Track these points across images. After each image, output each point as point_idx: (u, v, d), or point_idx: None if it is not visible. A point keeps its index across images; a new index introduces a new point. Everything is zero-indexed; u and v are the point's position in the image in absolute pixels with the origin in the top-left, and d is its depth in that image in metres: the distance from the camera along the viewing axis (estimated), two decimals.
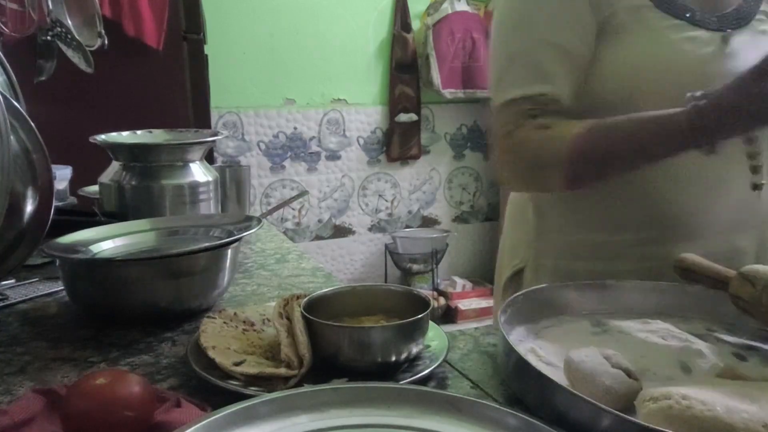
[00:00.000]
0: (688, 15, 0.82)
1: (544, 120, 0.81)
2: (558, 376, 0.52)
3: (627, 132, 0.78)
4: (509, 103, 0.83)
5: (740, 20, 0.85)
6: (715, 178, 0.84)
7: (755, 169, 0.85)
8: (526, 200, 0.98)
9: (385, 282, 3.23)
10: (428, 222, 3.40)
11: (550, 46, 0.82)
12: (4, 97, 0.68)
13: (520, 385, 0.53)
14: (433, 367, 0.57)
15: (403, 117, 3.14)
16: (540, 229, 0.95)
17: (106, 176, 1.01)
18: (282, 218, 3.08)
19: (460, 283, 3.33)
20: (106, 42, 1.47)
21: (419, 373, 0.56)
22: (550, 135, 0.80)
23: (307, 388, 0.48)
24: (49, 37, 1.32)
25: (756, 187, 0.85)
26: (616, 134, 0.78)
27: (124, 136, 1.06)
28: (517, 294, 0.65)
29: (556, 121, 0.81)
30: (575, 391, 0.47)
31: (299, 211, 3.12)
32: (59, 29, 1.31)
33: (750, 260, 0.89)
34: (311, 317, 0.57)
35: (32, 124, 0.77)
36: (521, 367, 0.52)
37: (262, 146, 2.99)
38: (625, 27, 0.81)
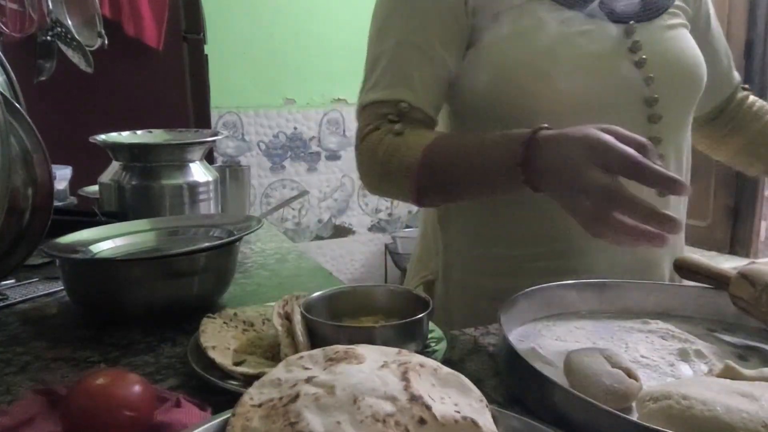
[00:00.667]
0: (581, 6, 0.77)
1: (401, 126, 0.77)
2: (558, 376, 0.52)
3: (465, 151, 0.73)
4: (371, 105, 0.81)
5: (648, 12, 0.81)
6: None
7: None
8: (432, 210, 0.93)
9: (385, 282, 3.23)
10: None
11: (413, 49, 0.79)
12: (4, 97, 0.68)
13: (520, 385, 0.53)
14: None
15: None
16: (445, 241, 0.91)
17: (106, 176, 1.01)
18: (282, 218, 3.08)
19: None
20: (106, 42, 1.47)
21: None
22: (400, 143, 0.76)
23: None
24: (49, 37, 1.32)
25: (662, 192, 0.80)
26: (457, 153, 0.74)
27: (124, 136, 1.06)
28: (517, 294, 0.65)
29: (411, 130, 0.77)
30: (575, 392, 0.47)
31: (299, 211, 3.12)
32: (59, 29, 1.31)
33: (662, 273, 0.86)
34: (311, 317, 0.57)
35: (32, 124, 0.77)
36: (521, 367, 0.52)
37: (262, 146, 2.99)
38: (511, 21, 0.77)
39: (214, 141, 1.10)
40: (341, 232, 3.23)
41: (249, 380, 0.53)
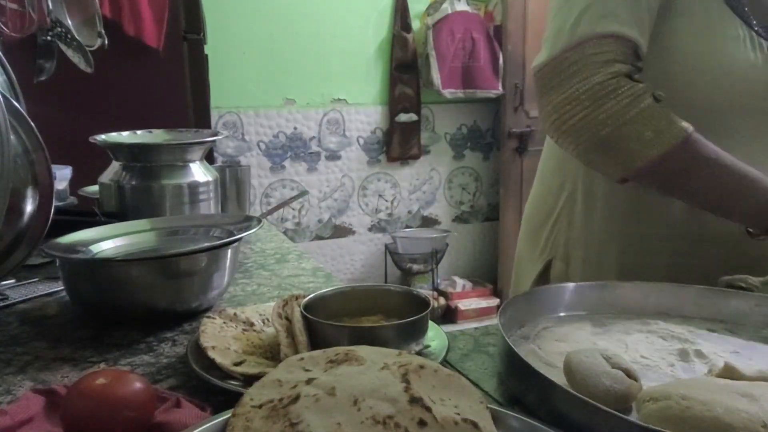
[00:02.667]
0: (745, 12, 0.80)
1: (655, 91, 0.75)
2: (558, 377, 0.52)
3: (721, 176, 0.76)
4: (611, 38, 0.74)
5: None
6: None
7: None
8: (565, 190, 0.94)
9: (385, 282, 3.23)
10: (428, 222, 3.40)
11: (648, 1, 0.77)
12: (4, 97, 0.68)
13: (520, 385, 0.53)
14: None
15: (403, 117, 3.14)
16: (574, 218, 0.93)
17: (106, 176, 1.01)
18: (282, 218, 3.08)
19: (460, 283, 3.34)
20: (106, 42, 1.47)
21: None
22: (661, 115, 0.73)
23: None
24: (49, 37, 1.32)
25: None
26: (715, 168, 0.75)
27: (124, 136, 1.06)
28: (517, 294, 0.65)
29: (665, 106, 0.75)
30: (575, 392, 0.47)
31: (299, 211, 3.12)
32: (59, 29, 1.31)
33: None
34: (311, 317, 0.57)
35: (32, 124, 0.77)
36: (521, 368, 0.52)
37: (262, 146, 2.99)
38: (689, 9, 0.79)
39: (214, 141, 1.10)
40: (341, 232, 3.23)
41: (249, 380, 0.53)
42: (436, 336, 0.62)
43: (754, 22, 0.81)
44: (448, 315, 3.22)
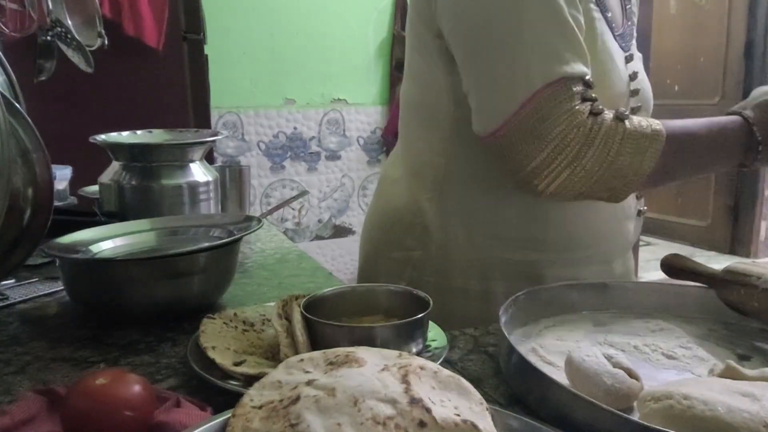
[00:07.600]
0: (614, 28, 0.83)
1: (620, 111, 0.74)
2: (559, 376, 0.52)
3: (703, 142, 0.77)
4: (565, 80, 0.71)
5: (628, 43, 0.86)
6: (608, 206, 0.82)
7: (638, 197, 0.90)
8: (420, 216, 0.90)
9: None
10: None
11: (574, 25, 0.74)
12: (4, 97, 0.68)
13: (521, 385, 0.53)
14: None
15: None
16: (447, 246, 0.88)
17: (106, 176, 1.01)
18: (282, 218, 3.08)
19: None
20: (106, 42, 1.47)
21: None
22: (636, 126, 0.73)
23: None
24: (49, 37, 1.31)
25: (639, 213, 0.91)
26: (694, 144, 0.77)
27: (124, 136, 1.06)
28: (518, 294, 0.65)
29: (634, 125, 0.74)
30: (576, 391, 0.47)
31: (299, 211, 3.12)
32: (59, 29, 1.31)
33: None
34: (311, 317, 0.57)
35: (32, 124, 0.76)
36: (522, 367, 0.52)
37: (262, 146, 2.99)
38: (587, 27, 0.78)
39: (214, 141, 1.10)
40: (341, 232, 3.23)
41: (249, 380, 0.53)
42: (436, 336, 0.62)
43: (617, 30, 0.83)
44: None
